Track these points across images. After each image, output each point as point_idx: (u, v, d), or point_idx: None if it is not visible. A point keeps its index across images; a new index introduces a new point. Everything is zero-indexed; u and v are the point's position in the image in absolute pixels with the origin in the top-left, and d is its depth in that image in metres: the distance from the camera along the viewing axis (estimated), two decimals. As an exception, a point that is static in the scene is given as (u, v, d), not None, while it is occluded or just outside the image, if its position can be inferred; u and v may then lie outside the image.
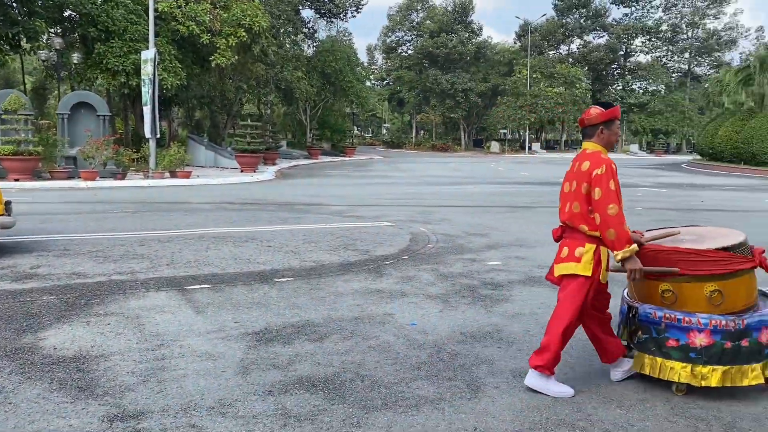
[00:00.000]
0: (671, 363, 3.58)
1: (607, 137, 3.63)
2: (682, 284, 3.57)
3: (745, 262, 3.56)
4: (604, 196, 3.39)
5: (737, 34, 66.84)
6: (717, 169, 31.41)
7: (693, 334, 3.51)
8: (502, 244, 8.57)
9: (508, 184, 20.61)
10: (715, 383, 3.51)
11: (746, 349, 3.51)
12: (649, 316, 3.66)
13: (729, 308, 3.56)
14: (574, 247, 3.56)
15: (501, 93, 59.86)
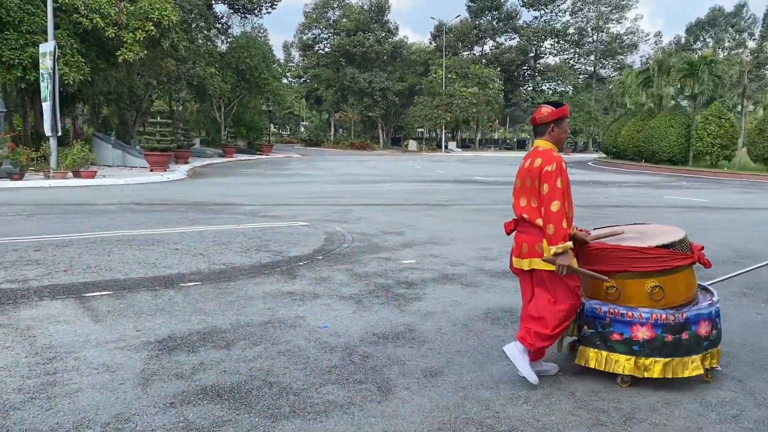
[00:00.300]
0: (616, 356, 3.71)
1: (557, 135, 3.76)
2: (626, 280, 3.71)
3: (685, 259, 3.72)
4: (550, 192, 3.52)
5: (638, 39, 70.72)
6: (621, 166, 33.06)
7: (636, 328, 3.65)
8: (417, 242, 8.61)
9: (424, 182, 20.85)
10: (657, 374, 3.65)
11: (686, 342, 3.66)
12: (595, 311, 3.78)
13: (669, 303, 3.71)
14: (534, 243, 3.67)
15: (418, 92, 60.61)
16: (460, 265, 7.15)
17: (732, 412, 3.49)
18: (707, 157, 29.72)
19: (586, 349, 3.85)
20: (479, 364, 4.13)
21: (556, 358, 4.21)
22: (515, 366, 3.75)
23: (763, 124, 26.06)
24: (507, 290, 6.06)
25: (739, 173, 26.37)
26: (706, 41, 68.81)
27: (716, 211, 13.42)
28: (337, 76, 60.37)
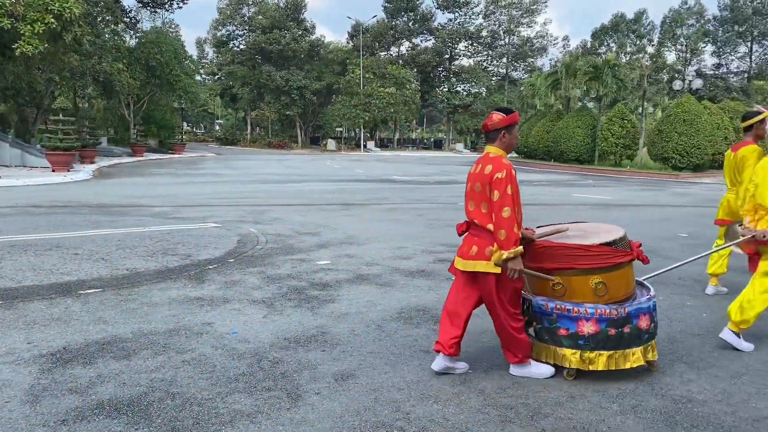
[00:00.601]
0: (563, 350, 3.84)
1: (508, 141, 3.84)
2: (571, 277, 3.83)
3: (625, 256, 3.88)
4: (501, 199, 3.61)
5: (547, 42, 73.40)
6: (532, 165, 34.21)
7: (581, 323, 3.78)
8: (333, 242, 8.53)
9: (343, 181, 20.78)
10: (602, 367, 3.80)
11: (628, 335, 3.82)
12: (542, 308, 3.89)
13: (612, 298, 3.86)
14: (484, 245, 3.74)
15: (336, 92, 60.43)
16: (375, 265, 7.13)
17: (632, 402, 3.62)
18: (611, 156, 31.25)
19: (539, 345, 3.99)
20: (391, 364, 4.10)
21: (466, 356, 4.24)
22: (534, 377, 3.91)
23: (661, 125, 27.63)
24: (420, 289, 6.09)
25: (640, 171, 27.86)
26: (610, 46, 72.35)
27: (619, 208, 14.09)
28: (253, 74, 59.26)
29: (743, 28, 66.48)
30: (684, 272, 7.03)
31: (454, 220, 11.01)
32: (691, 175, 25.74)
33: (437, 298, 5.79)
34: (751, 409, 3.56)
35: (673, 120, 26.64)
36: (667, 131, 26.58)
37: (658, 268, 5.11)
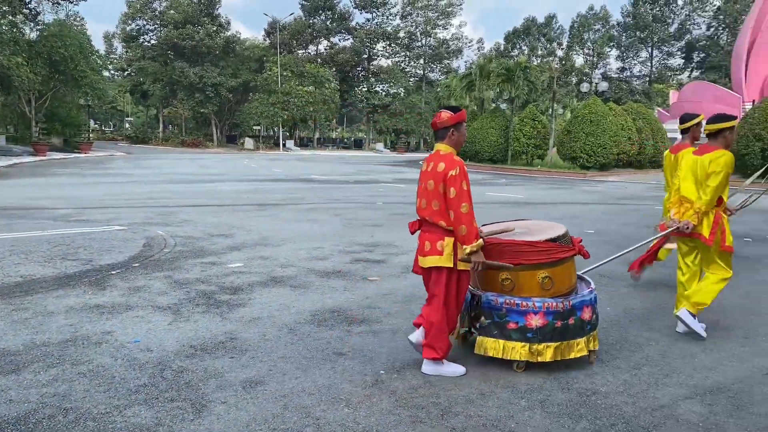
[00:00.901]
0: (512, 344, 3.96)
1: (457, 139, 3.91)
2: (519, 273, 3.97)
3: (569, 251, 4.05)
4: (458, 195, 3.69)
5: (462, 44, 74.98)
6: (449, 165, 34.81)
7: (530, 316, 3.93)
8: (246, 244, 8.31)
9: (259, 181, 20.38)
10: (549, 358, 3.95)
11: (572, 327, 3.99)
12: (491, 303, 4.01)
13: (557, 292, 4.03)
14: (436, 240, 3.82)
15: (253, 89, 59.37)
16: (290, 267, 6.99)
17: (539, 397, 3.69)
18: (523, 156, 32.27)
19: (484, 339, 4.05)
20: (303, 369, 4.00)
21: (379, 356, 4.20)
22: (447, 375, 3.93)
23: (570, 126, 28.78)
24: (336, 290, 6.01)
25: (550, 171, 28.91)
26: (522, 49, 74.81)
27: (531, 206, 14.53)
28: (165, 70, 57.25)
29: (644, 34, 70.35)
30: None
31: (372, 219, 11.01)
32: (597, 174, 26.94)
33: (353, 298, 5.74)
34: (650, 399, 3.70)
35: (580, 121, 27.80)
36: (575, 132, 27.71)
37: (586, 264, 5.25)
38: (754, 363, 4.34)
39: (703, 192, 4.69)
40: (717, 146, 4.77)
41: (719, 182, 4.64)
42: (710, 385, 3.93)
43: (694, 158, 4.85)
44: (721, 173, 4.63)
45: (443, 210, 3.77)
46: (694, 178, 4.78)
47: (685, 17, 69.59)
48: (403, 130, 67.16)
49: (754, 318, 5.40)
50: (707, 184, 4.66)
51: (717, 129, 4.79)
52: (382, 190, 17.94)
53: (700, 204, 4.67)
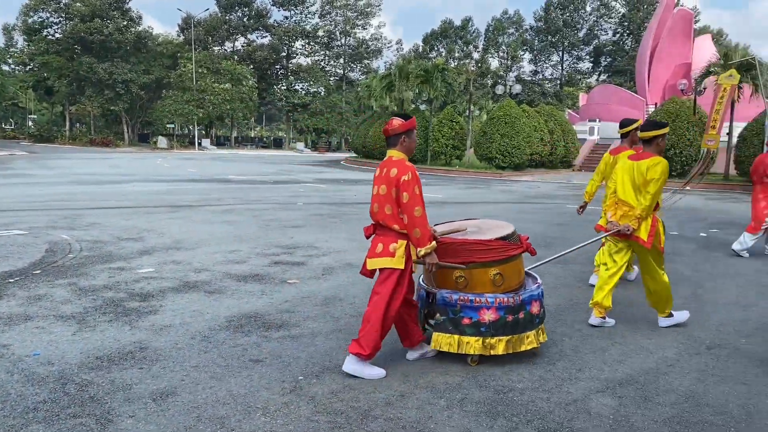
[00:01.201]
0: (467, 338, 4.09)
1: (408, 145, 4.03)
2: (472, 270, 4.10)
3: (518, 248, 4.24)
4: (411, 200, 3.79)
5: (382, 45, 75.53)
6: (370, 165, 34.89)
7: (483, 311, 4.07)
8: (158, 248, 7.97)
9: (173, 181, 19.68)
10: (501, 351, 4.11)
11: (522, 320, 4.17)
12: (446, 300, 4.13)
13: (507, 287, 4.20)
14: (388, 243, 3.92)
15: (166, 86, 57.42)
16: (204, 271, 6.76)
17: (458, 396, 3.72)
18: (442, 156, 32.77)
19: (440, 335, 4.16)
20: (218, 378, 3.86)
21: (298, 361, 4.11)
22: (359, 377, 3.92)
23: (486, 127, 29.51)
24: (253, 294, 5.86)
25: (468, 171, 29.53)
26: (440, 51, 76.15)
27: (452, 205, 14.76)
28: (71, 65, 54.44)
29: (555, 38, 73.19)
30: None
31: (291, 220, 10.84)
32: (512, 174, 27.75)
33: (270, 302, 5.60)
34: (564, 394, 3.80)
35: (496, 122, 28.55)
36: (491, 133, 28.44)
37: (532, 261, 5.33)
38: (660, 355, 4.55)
39: (642, 198, 4.88)
40: (652, 153, 4.95)
41: (658, 189, 4.85)
42: (620, 378, 4.08)
43: (631, 163, 5.02)
44: (659, 180, 4.83)
45: (396, 214, 3.87)
46: (632, 183, 4.96)
47: (593, 23, 72.90)
48: (324, 129, 66.90)
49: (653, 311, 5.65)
50: (647, 191, 4.85)
51: (650, 136, 4.98)
52: (303, 190, 17.75)
53: (641, 210, 4.86)
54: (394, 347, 4.44)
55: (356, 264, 7.33)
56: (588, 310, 5.39)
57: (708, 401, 3.75)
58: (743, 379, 4.11)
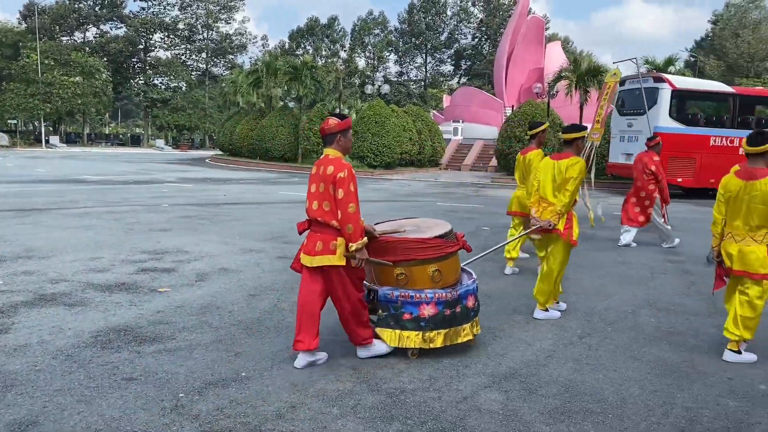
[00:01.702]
0: (407, 333, 4.25)
1: (344, 144, 4.14)
2: (412, 267, 4.26)
3: (455, 246, 4.40)
4: (346, 196, 3.92)
5: (246, 40, 73.78)
6: (237, 163, 33.91)
7: (423, 307, 4.23)
8: (5, 257, 7.16)
9: (19, 183, 17.88)
10: (440, 344, 4.28)
11: (459, 314, 4.35)
12: (388, 296, 4.27)
13: (445, 283, 4.36)
14: (328, 240, 4.01)
15: (7, 78, 52.25)
16: (62, 282, 6.15)
17: (351, 403, 3.63)
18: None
19: (382, 330, 4.31)
20: (86, 401, 3.49)
21: (177, 373, 3.82)
22: (371, 356, 4.27)
23: (356, 126, 29.60)
24: (120, 306, 5.40)
25: (339, 169, 29.59)
26: (307, 48, 75.74)
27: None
28: None
29: (419, 41, 75.39)
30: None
31: (157, 223, 10.20)
32: (384, 172, 28.18)
33: (141, 314, 5.20)
34: (454, 392, 3.84)
35: (366, 122, 28.83)
36: (362, 132, 28.68)
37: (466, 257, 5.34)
38: (537, 347, 4.75)
39: (562, 195, 5.22)
40: (571, 153, 5.33)
41: (576, 186, 5.20)
42: (504, 372, 4.20)
43: (552, 163, 5.36)
44: (577, 179, 5.17)
45: (334, 210, 3.98)
46: (552, 181, 5.29)
47: (453, 27, 75.95)
48: (186, 126, 64.17)
49: (532, 302, 5.91)
50: (566, 189, 5.19)
51: (571, 138, 5.36)
52: (166, 190, 16.83)
53: (561, 206, 5.20)
54: (279, 358, 4.29)
55: (232, 269, 7.03)
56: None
57: (586, 390, 3.95)
58: (614, 366, 4.39)
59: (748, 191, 4.35)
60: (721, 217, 4.59)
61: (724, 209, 4.56)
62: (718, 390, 4.01)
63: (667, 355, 4.67)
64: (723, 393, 3.97)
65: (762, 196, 4.27)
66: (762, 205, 4.29)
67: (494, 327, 5.17)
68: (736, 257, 4.46)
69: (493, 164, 29.33)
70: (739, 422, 3.57)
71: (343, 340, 4.60)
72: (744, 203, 4.38)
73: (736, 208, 4.45)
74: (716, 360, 4.58)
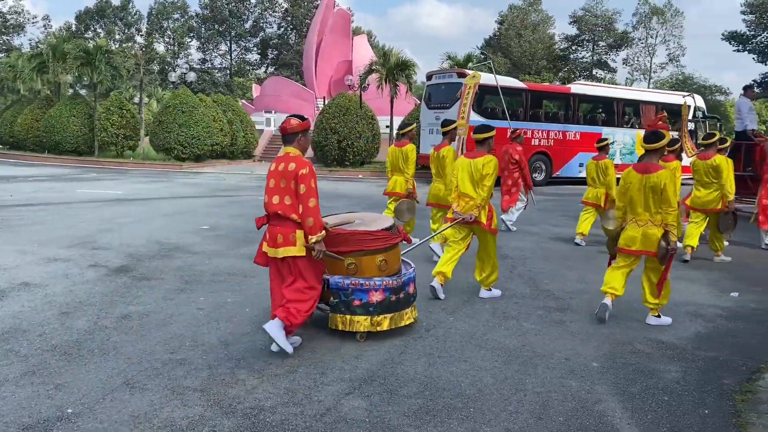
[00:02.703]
0: (357, 318, 4.62)
1: (304, 143, 4.46)
2: (362, 258, 4.66)
3: (398, 237, 4.88)
4: (308, 191, 4.22)
5: (24, 20, 65.71)
6: (21, 158, 30.00)
7: (372, 293, 4.62)
8: None
9: None
10: (386, 327, 4.68)
11: (402, 300, 4.79)
12: (339, 285, 4.63)
13: (390, 272, 4.80)
14: (288, 233, 4.28)
15: None
16: None
17: (206, 429, 3.29)
18: (113, 147, 29.95)
19: (335, 316, 4.67)
20: None
21: None
22: (274, 340, 4.21)
23: (161, 116, 27.77)
24: None
25: (143, 163, 27.53)
26: (98, 31, 69.40)
27: (136, 203, 13.46)
28: None
29: (223, 27, 72.73)
30: (219, 268, 7.05)
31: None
32: (194, 165, 26.75)
33: None
34: (315, 404, 3.65)
35: (172, 111, 27.11)
36: (168, 122, 26.94)
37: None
38: (389, 344, 4.72)
39: (480, 189, 5.75)
40: (484, 152, 5.87)
41: (492, 182, 5.78)
42: (362, 375, 4.10)
43: (468, 161, 5.86)
44: (493, 174, 5.75)
45: (295, 204, 4.25)
46: (470, 178, 5.81)
47: (258, 15, 74.36)
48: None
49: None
50: (484, 184, 5.74)
51: (483, 138, 5.91)
52: None
53: (480, 200, 5.74)
54: (111, 386, 3.78)
55: (35, 282, 6.14)
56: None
57: (443, 385, 3.99)
58: (463, 357, 4.51)
59: (644, 183, 5.11)
60: (623, 204, 5.36)
61: (625, 198, 5.32)
62: (559, 372, 4.29)
63: (507, 340, 4.91)
64: (564, 374, 4.25)
65: (655, 186, 5.04)
66: (655, 194, 5.06)
67: (342, 327, 5.05)
68: (640, 239, 5.21)
69: (310, 155, 29.31)
70: (584, 401, 3.83)
71: (181, 358, 4.20)
72: (642, 193, 5.13)
73: (636, 198, 5.19)
74: (550, 341, 4.92)
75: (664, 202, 5.07)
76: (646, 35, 57.67)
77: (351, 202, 14.17)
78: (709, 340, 5.13)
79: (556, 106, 22.80)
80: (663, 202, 5.07)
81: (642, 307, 5.55)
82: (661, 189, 5.04)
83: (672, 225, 5.11)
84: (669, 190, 5.07)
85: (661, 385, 4.10)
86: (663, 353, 4.74)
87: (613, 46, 56.99)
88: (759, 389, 4.13)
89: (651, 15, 56.84)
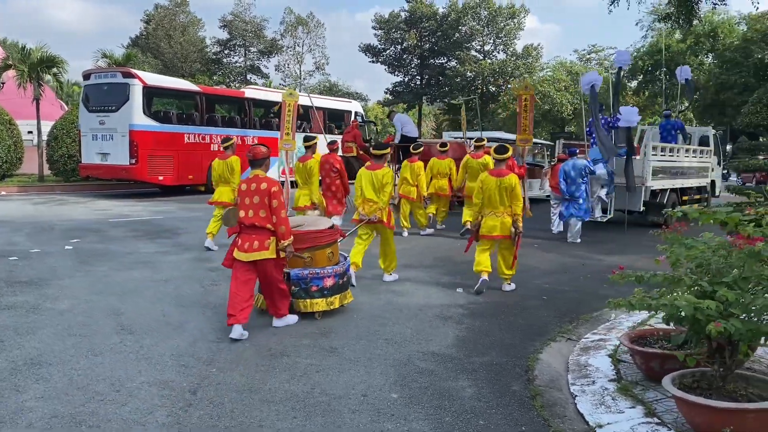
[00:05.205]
0: (316, 300, 5.74)
1: (267, 166, 5.55)
2: (316, 252, 5.85)
3: (337, 234, 6.23)
4: (279, 205, 5.28)
5: None
6: None
7: (326, 280, 5.79)
8: None
9: None
10: (337, 305, 5.87)
11: (345, 283, 6.05)
12: (299, 275, 5.72)
13: (335, 261, 6.03)
14: (263, 240, 5.24)
15: None
16: None
17: None
18: None
19: (297, 301, 5.71)
20: None
21: None
22: (284, 325, 5.50)
23: None
24: None
25: None
26: None
27: None
28: None
29: None
30: None
31: None
32: None
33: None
34: None
35: None
36: None
37: None
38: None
39: (382, 195, 7.16)
40: (381, 165, 7.27)
41: (391, 188, 7.37)
42: None
43: (369, 173, 7.20)
44: (391, 183, 7.33)
45: (269, 216, 5.26)
46: (372, 187, 7.15)
47: None
48: None
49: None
50: (384, 191, 7.17)
51: (381, 154, 7.29)
52: None
53: (382, 204, 7.13)
54: None
55: None
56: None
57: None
58: (255, 421, 3.68)
59: (499, 184, 6.76)
60: (479, 201, 6.95)
61: (481, 197, 6.89)
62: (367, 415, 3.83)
63: (292, 386, 4.24)
64: (374, 417, 3.81)
65: (507, 187, 6.74)
66: (505, 193, 6.76)
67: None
68: (499, 227, 6.83)
69: None
70: None
71: None
72: (498, 192, 6.77)
73: (494, 196, 6.80)
74: (336, 376, 4.42)
75: (515, 198, 6.79)
76: (294, 43, 60.61)
77: (14, 227, 11.02)
78: (472, 343, 5.27)
79: (230, 110, 22.06)
80: (514, 198, 6.79)
81: (375, 313, 6.10)
82: (512, 188, 6.73)
83: (518, 215, 6.84)
84: (518, 189, 6.80)
85: (468, 407, 3.96)
86: (445, 367, 4.66)
87: (265, 53, 57.98)
88: (542, 390, 4.28)
89: (297, 24, 59.89)
